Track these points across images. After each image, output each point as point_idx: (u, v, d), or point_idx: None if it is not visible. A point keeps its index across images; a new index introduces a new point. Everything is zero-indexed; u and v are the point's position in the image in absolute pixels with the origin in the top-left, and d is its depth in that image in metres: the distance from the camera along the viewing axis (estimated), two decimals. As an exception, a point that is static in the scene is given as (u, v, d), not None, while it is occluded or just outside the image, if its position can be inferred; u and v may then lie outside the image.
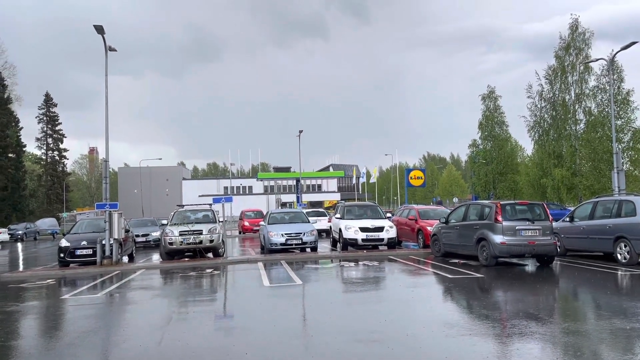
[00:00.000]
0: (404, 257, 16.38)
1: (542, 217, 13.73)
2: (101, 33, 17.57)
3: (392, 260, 15.86)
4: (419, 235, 18.84)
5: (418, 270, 13.80)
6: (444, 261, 15.02)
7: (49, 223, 50.65)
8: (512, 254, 13.45)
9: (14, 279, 14.77)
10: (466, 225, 14.86)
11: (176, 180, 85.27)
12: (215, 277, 13.70)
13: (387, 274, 13.49)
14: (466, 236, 14.64)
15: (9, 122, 57.66)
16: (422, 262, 15.27)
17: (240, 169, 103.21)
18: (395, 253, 17.39)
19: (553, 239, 13.64)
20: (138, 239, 24.04)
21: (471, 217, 15.01)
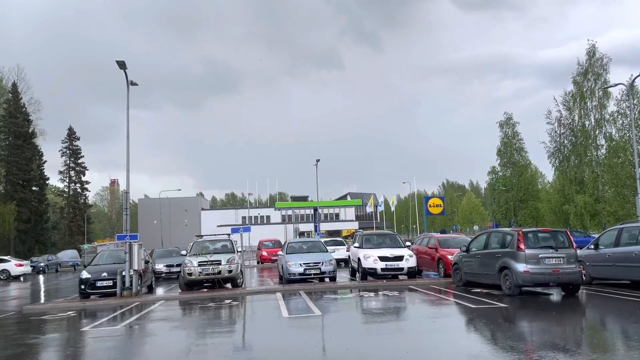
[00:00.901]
0: (424, 287, 16.12)
1: (566, 245, 13.44)
2: (123, 68, 18.06)
3: (413, 290, 15.61)
4: (440, 264, 18.56)
5: (440, 300, 13.55)
6: (466, 290, 14.73)
7: (70, 255, 51.18)
8: (536, 283, 13.13)
9: (35, 311, 14.86)
10: (488, 254, 14.60)
11: (195, 210, 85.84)
12: (233, 308, 13.61)
13: (407, 304, 13.27)
14: (488, 265, 14.37)
15: (33, 155, 59.06)
16: (444, 292, 14.99)
17: (258, 198, 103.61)
18: (415, 283, 17.12)
19: (578, 267, 13.30)
20: (163, 269, 24.12)
21: (492, 245, 14.77)
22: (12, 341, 10.22)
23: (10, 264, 34.53)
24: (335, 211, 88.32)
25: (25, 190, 56.81)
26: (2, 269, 33.69)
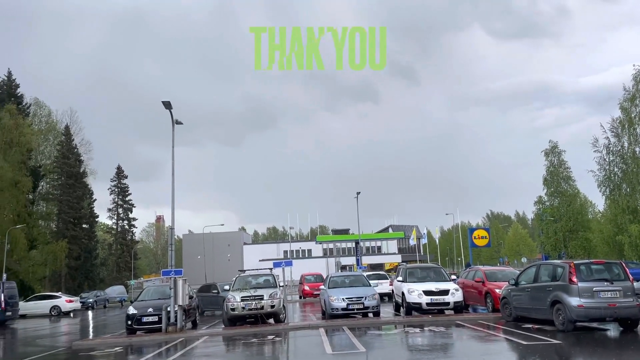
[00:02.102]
0: (472, 322, 15.56)
1: (621, 277, 12.76)
2: (169, 108, 18.76)
3: (460, 325, 15.09)
4: (487, 298, 17.92)
5: (489, 336, 13.03)
6: (516, 326, 14.13)
7: (117, 291, 52.32)
8: (591, 318, 12.47)
9: (84, 347, 15.16)
10: (538, 287, 14.02)
11: (237, 245, 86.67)
12: (276, 344, 13.50)
13: (455, 340, 12.82)
14: (539, 299, 13.77)
15: (84, 194, 61.40)
16: (493, 328, 14.43)
17: (299, 232, 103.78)
18: (462, 318, 16.57)
19: (636, 300, 12.57)
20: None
21: (543, 278, 14.18)
22: (62, 377, 10.43)
23: (61, 300, 35.53)
24: (377, 244, 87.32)
25: (76, 228, 58.87)
26: (53, 305, 34.70)
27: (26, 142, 48.53)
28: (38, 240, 50.03)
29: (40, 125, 59.33)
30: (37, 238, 50.14)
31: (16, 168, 45.34)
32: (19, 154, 46.78)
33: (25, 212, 48.26)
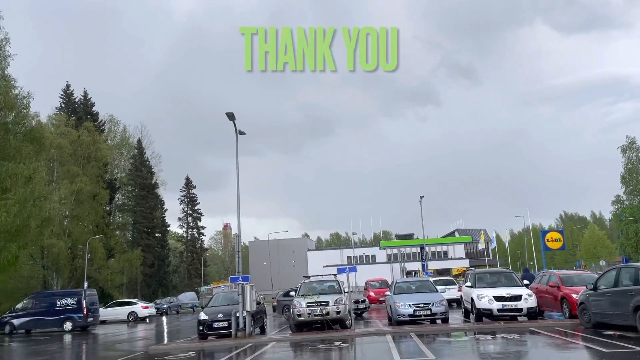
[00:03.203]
0: (548, 329, 14.84)
1: None
2: (232, 119, 19.29)
3: (535, 332, 14.43)
4: (563, 303, 17.03)
5: (567, 344, 12.37)
6: (595, 333, 13.32)
7: (189, 297, 54.26)
8: (681, 325, 11.54)
9: (159, 351, 15.80)
10: (619, 292, 13.16)
11: (302, 251, 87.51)
12: (344, 350, 13.47)
13: (530, 348, 12.27)
14: (620, 304, 12.92)
15: (156, 205, 64.28)
16: (570, 335, 13.68)
17: (362, 237, 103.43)
18: (537, 324, 15.83)
19: None
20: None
21: (624, 282, 13.30)
22: (140, 380, 10.91)
23: (138, 307, 37.34)
24: (443, 249, 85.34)
25: (150, 237, 61.71)
26: (130, 311, 36.52)
27: (102, 156, 51.59)
28: (115, 249, 52.87)
29: (115, 140, 62.85)
30: (115, 247, 53.00)
31: (94, 181, 48.23)
32: (96, 168, 49.78)
33: (103, 222, 51.23)
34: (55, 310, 28.68)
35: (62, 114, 52.97)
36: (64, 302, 28.83)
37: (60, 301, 28.91)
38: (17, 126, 29.51)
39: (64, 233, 44.37)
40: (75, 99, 57.05)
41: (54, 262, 43.74)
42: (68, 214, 45.60)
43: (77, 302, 28.74)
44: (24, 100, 29.34)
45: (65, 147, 46.15)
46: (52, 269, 44.46)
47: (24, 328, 28.79)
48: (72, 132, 48.29)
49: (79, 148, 48.55)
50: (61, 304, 28.80)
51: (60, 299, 29.13)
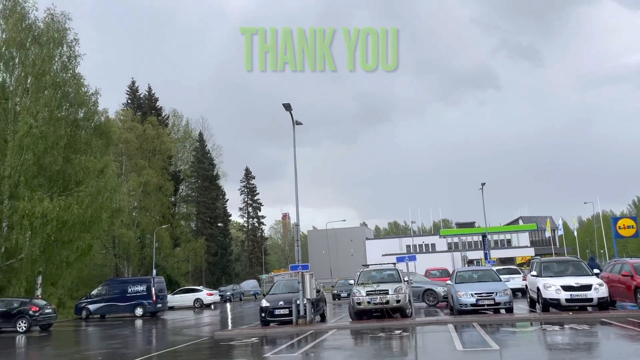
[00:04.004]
0: (620, 320, 14.12)
1: None
2: (289, 110, 19.50)
3: (606, 323, 13.77)
4: (637, 293, 16.11)
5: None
6: (675, 326, 12.55)
7: (251, 284, 55.70)
8: None
9: (224, 337, 16.35)
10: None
11: (360, 240, 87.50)
12: (404, 338, 13.41)
13: (601, 339, 11.73)
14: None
15: (218, 195, 66.18)
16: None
17: (421, 226, 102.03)
18: (609, 315, 15.09)
19: None
20: None
21: None
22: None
23: (203, 294, 38.73)
24: (507, 237, 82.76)
25: (212, 226, 63.69)
26: (196, 298, 37.95)
27: (166, 149, 53.71)
28: (180, 238, 55.03)
29: (178, 133, 65.15)
30: (180, 237, 55.16)
31: (159, 174, 50.32)
32: (161, 161, 51.88)
33: (169, 213, 53.44)
34: (127, 296, 30.29)
35: (128, 109, 55.47)
36: (135, 289, 30.38)
37: (131, 288, 30.50)
38: (87, 122, 31.17)
39: (133, 223, 46.65)
40: (140, 94, 59.53)
41: (125, 250, 46.17)
42: (136, 205, 47.90)
43: (146, 289, 30.22)
44: (93, 97, 30.90)
45: (132, 141, 48.37)
46: (123, 257, 46.96)
47: (99, 313, 30.60)
48: (138, 127, 50.49)
49: (145, 142, 50.72)
50: (132, 290, 30.38)
51: (131, 285, 30.74)
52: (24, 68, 27.75)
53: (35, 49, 28.05)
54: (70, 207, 26.25)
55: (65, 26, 29.36)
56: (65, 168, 28.51)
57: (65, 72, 29.51)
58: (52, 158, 27.70)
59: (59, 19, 29.20)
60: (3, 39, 27.72)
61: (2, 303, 23.49)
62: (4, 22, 27.76)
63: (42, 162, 27.11)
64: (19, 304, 23.25)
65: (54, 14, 29.07)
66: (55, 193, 27.36)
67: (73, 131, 29.71)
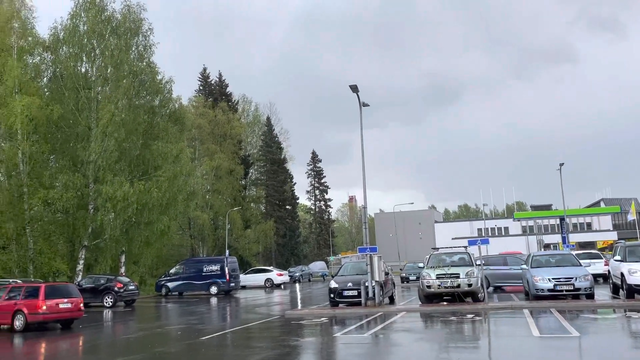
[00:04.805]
0: None
1: None
2: (356, 92, 19.36)
3: (701, 313, 12.76)
4: None
5: None
6: None
7: (319, 266, 56.52)
8: None
9: (294, 316, 16.72)
10: None
11: (428, 223, 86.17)
12: (476, 323, 13.10)
13: (695, 330, 10.88)
14: None
15: (286, 179, 67.33)
16: None
17: (493, 209, 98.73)
18: (703, 304, 13.97)
19: None
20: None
21: None
22: (279, 342, 11.68)
23: (273, 274, 39.79)
24: (587, 220, 78.48)
25: (281, 209, 65.01)
26: (267, 278, 39.07)
27: (236, 134, 55.22)
28: (251, 220, 56.65)
29: (248, 118, 66.74)
30: (250, 219, 56.79)
31: (230, 158, 51.89)
32: (231, 145, 53.42)
33: (239, 196, 55.13)
34: (202, 275, 31.70)
35: (200, 95, 57.39)
36: (209, 268, 31.73)
37: (206, 267, 31.88)
38: (162, 109, 32.59)
39: (206, 206, 48.54)
40: (211, 81, 61.33)
41: (199, 232, 48.22)
42: (209, 189, 49.73)
43: (220, 268, 31.48)
44: (167, 85, 32.21)
45: (204, 127, 50.09)
46: (198, 238, 49.06)
47: (177, 290, 32.24)
48: (210, 113, 52.16)
49: (216, 127, 52.36)
50: (207, 270, 31.74)
51: (206, 265, 32.13)
52: (104, 58, 29.30)
53: (113, 40, 29.50)
54: (149, 190, 27.68)
55: (140, 16, 30.72)
56: (143, 154, 30.02)
57: (141, 61, 30.89)
58: (132, 144, 29.25)
59: (135, 9, 30.56)
60: (84, 31, 29.35)
61: (90, 280, 25.32)
62: (85, 15, 29.35)
63: (123, 148, 28.68)
64: (105, 281, 24.99)
65: (130, 5, 30.45)
66: (135, 177, 28.92)
67: (150, 118, 31.21)
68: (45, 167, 28.40)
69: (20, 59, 28.18)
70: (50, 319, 15.65)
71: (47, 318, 15.50)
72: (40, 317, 15.30)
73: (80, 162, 28.11)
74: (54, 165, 29.10)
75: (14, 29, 28.30)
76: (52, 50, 29.81)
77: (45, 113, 26.33)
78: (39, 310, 15.23)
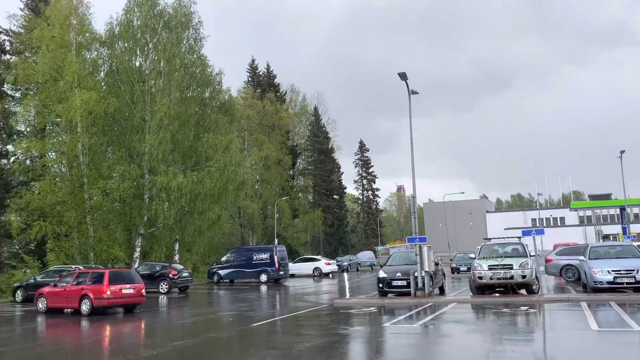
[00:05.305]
0: None
1: None
2: (404, 79, 19.07)
3: None
4: None
5: None
6: None
7: (367, 255, 56.44)
8: None
9: (343, 305, 16.78)
10: None
11: (479, 213, 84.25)
12: (531, 315, 12.74)
13: None
14: None
15: (333, 168, 67.40)
16: None
17: (548, 199, 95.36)
18: None
19: None
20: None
21: None
22: (328, 330, 11.76)
23: (321, 263, 40.03)
24: (649, 210, 74.55)
25: (329, 199, 65.23)
26: (315, 267, 39.35)
27: (284, 124, 55.73)
28: (299, 210, 57.19)
29: (295, 108, 67.13)
30: (298, 208, 57.34)
31: (278, 148, 52.45)
32: (279, 136, 53.96)
33: (287, 186, 55.73)
34: (252, 263, 32.33)
35: (249, 87, 58.17)
36: (259, 256, 32.32)
37: (256, 256, 32.49)
38: (212, 101, 33.26)
39: (255, 195, 49.36)
40: (260, 72, 62.00)
41: (249, 221, 49.14)
42: (258, 178, 50.53)
43: (269, 257, 32.00)
44: (217, 77, 32.84)
45: (252, 118, 50.80)
46: (248, 227, 50.02)
47: (228, 278, 33.03)
48: (258, 104, 52.81)
49: (264, 118, 52.98)
50: (257, 258, 32.35)
51: (256, 253, 32.74)
52: (157, 52, 30.11)
53: (165, 34, 30.27)
54: (202, 180, 28.41)
55: (190, 10, 31.37)
56: (195, 145, 30.79)
57: (192, 54, 31.58)
58: (184, 136, 30.04)
59: (185, 3, 31.25)
60: (138, 26, 30.25)
61: (147, 267, 26.30)
62: (138, 10, 30.24)
63: (176, 140, 29.50)
64: (160, 268, 25.91)
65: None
66: (187, 168, 29.72)
67: (201, 110, 31.94)
68: (103, 158, 29.60)
69: (79, 55, 29.36)
70: (114, 303, 16.37)
71: (111, 303, 16.23)
72: (105, 301, 16.04)
73: (135, 153, 29.13)
74: (111, 157, 30.27)
75: (72, 26, 29.45)
76: (108, 45, 30.90)
77: (102, 106, 27.38)
78: (104, 295, 15.96)
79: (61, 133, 29.26)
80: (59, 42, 28.21)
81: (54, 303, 17.04)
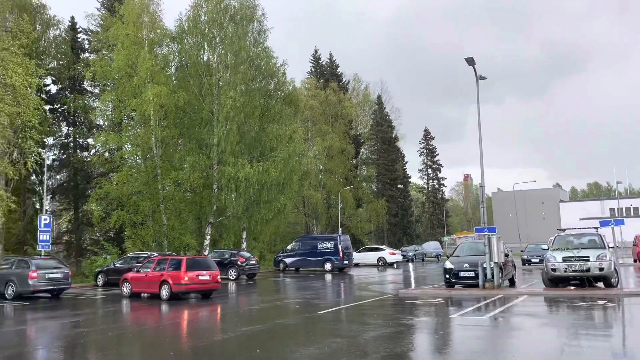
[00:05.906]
0: None
1: None
2: (472, 64, 18.48)
3: None
4: None
5: None
6: None
7: (433, 246, 55.48)
8: None
9: (408, 295, 16.65)
10: None
11: (552, 203, 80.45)
12: (609, 310, 12.08)
13: None
14: None
15: (397, 157, 66.63)
16: None
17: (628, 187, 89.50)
18: None
19: None
20: None
21: None
22: (392, 320, 11.72)
23: (385, 252, 39.79)
24: None
25: (392, 188, 64.60)
26: (379, 257, 39.17)
27: (347, 114, 55.63)
28: (362, 199, 57.06)
29: (358, 97, 66.77)
30: (362, 198, 57.22)
31: (341, 137, 52.47)
32: (342, 125, 53.95)
33: (351, 175, 55.71)
34: (317, 252, 32.69)
35: (312, 77, 58.45)
36: (324, 245, 32.62)
37: (320, 244, 32.82)
38: (277, 92, 33.73)
39: (319, 185, 49.75)
40: (322, 62, 62.14)
41: (313, 210, 49.66)
42: (322, 168, 50.86)
43: (334, 246, 32.22)
44: (281, 69, 33.22)
45: (316, 108, 51.06)
46: (312, 216, 50.55)
47: (294, 266, 33.60)
48: (321, 94, 52.98)
49: (327, 107, 53.11)
50: (321, 247, 32.67)
51: (320, 242, 33.07)
52: (224, 46, 30.88)
53: (231, 28, 30.96)
54: (267, 171, 28.99)
55: (254, 3, 31.86)
56: (260, 136, 31.42)
57: (257, 47, 32.13)
58: (249, 127, 30.74)
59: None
60: (205, 21, 31.15)
61: (216, 254, 27.25)
62: (205, 5, 31.11)
63: (242, 131, 30.24)
64: (229, 255, 26.78)
65: (245, -8, 31.66)
66: (253, 159, 30.42)
67: (266, 101, 32.50)
68: (174, 150, 30.85)
69: (151, 51, 30.65)
70: (191, 289, 17.04)
71: (188, 288, 16.90)
72: (182, 287, 16.72)
73: (205, 145, 30.15)
74: (182, 148, 31.50)
75: (144, 23, 30.75)
76: (178, 40, 32.03)
77: (173, 100, 28.48)
78: (182, 281, 16.66)
79: (136, 126, 30.71)
80: (132, 39, 29.54)
81: (137, 288, 17.98)
